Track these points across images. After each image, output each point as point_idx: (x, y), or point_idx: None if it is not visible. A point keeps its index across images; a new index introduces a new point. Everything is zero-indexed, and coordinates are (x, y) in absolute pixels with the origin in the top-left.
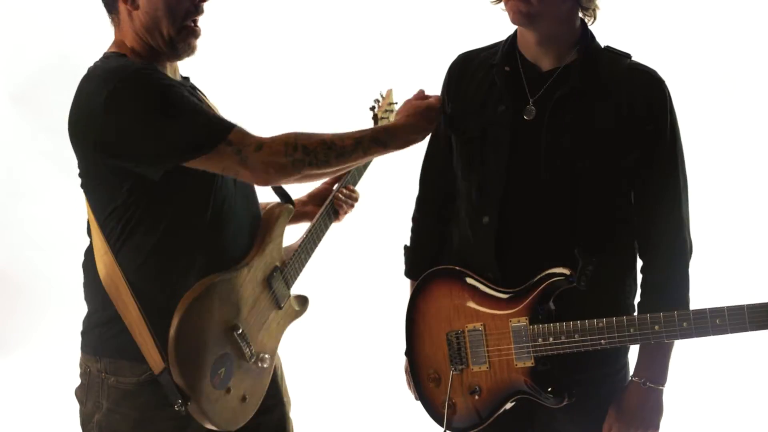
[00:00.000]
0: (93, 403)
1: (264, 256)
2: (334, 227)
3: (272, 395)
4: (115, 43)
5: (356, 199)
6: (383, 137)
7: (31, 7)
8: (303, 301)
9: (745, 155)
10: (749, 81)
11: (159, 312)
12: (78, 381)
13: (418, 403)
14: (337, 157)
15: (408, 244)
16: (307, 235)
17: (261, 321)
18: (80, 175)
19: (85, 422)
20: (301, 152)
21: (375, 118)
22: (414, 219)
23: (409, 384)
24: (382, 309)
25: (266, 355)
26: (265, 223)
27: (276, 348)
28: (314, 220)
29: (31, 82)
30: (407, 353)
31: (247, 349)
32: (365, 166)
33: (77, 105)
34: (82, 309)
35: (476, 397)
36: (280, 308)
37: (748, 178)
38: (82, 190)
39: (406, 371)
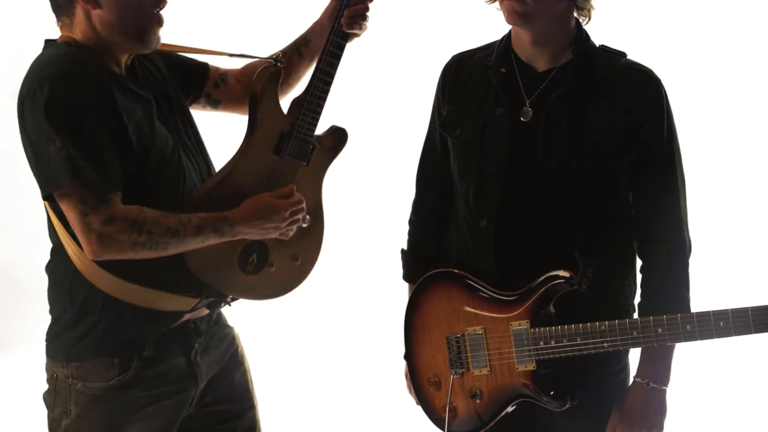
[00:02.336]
0: (61, 409)
1: (261, 136)
2: (332, 219)
3: (245, 399)
4: (62, 38)
5: (366, 8)
6: (223, 227)
7: (31, 7)
8: (335, 133)
9: (743, 153)
10: (746, 79)
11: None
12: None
13: (419, 407)
14: (177, 245)
15: (405, 247)
16: (315, 74)
17: None
18: None
19: (52, 428)
20: (145, 236)
21: None
22: (411, 222)
23: (409, 388)
24: (380, 313)
25: (306, 215)
26: (252, 103)
27: (318, 199)
28: (321, 52)
29: None
30: (407, 357)
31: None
32: None
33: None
34: None
35: (477, 400)
36: (306, 164)
37: (747, 177)
38: None
39: (405, 376)
